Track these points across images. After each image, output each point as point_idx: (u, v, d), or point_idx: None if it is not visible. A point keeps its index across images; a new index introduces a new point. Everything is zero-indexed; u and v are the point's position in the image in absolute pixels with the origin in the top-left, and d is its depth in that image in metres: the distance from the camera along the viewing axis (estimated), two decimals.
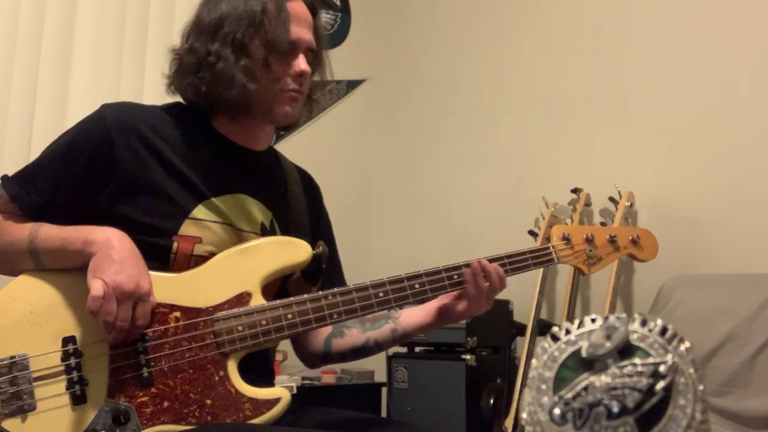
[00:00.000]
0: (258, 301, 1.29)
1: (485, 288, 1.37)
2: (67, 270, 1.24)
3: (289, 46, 1.35)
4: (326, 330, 1.50)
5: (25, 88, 2.48)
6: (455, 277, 1.39)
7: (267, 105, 1.37)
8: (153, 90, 2.74)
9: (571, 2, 3.02)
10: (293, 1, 1.38)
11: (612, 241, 1.55)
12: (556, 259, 1.49)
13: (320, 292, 1.32)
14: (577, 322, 0.77)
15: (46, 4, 2.54)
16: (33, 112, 2.49)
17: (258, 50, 1.33)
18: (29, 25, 2.50)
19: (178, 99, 1.43)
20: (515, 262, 1.43)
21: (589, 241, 1.53)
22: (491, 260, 1.41)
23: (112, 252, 1.20)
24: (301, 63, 1.36)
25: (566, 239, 1.51)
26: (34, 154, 1.37)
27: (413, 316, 1.45)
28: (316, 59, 1.44)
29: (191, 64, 1.35)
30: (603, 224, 2.55)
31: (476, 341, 2.66)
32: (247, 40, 1.32)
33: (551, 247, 1.49)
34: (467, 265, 1.39)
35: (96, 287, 1.16)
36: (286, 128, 1.52)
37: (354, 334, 1.48)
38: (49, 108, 2.53)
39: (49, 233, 1.25)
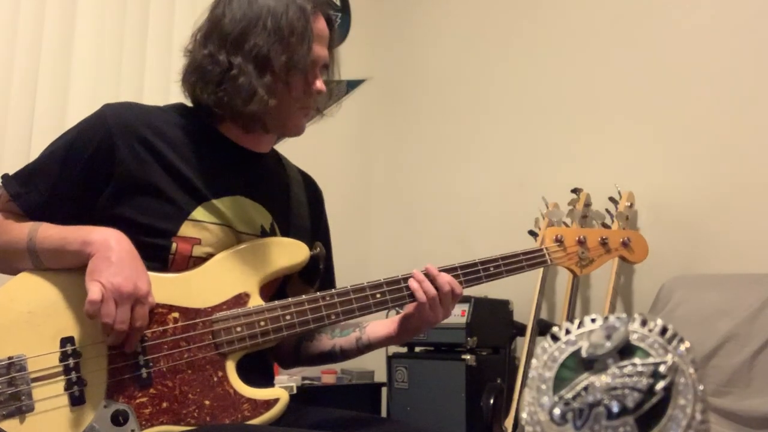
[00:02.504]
0: (256, 301, 1.29)
1: (433, 294, 1.35)
2: (66, 269, 1.24)
3: (310, 65, 1.35)
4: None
5: (25, 88, 2.48)
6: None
7: (282, 120, 1.37)
8: (153, 90, 2.75)
9: (571, 3, 3.01)
10: (316, 17, 1.36)
11: (604, 243, 1.59)
12: (549, 260, 1.51)
13: (318, 294, 1.33)
14: (577, 322, 0.77)
15: (46, 4, 2.54)
16: (33, 112, 2.49)
17: (281, 68, 1.31)
18: (29, 25, 2.50)
19: (178, 98, 1.42)
20: (509, 264, 1.44)
21: (582, 243, 1.56)
22: (486, 262, 1.42)
23: (111, 253, 1.19)
24: (319, 82, 1.37)
25: (559, 241, 1.54)
26: (34, 153, 1.37)
27: (378, 326, 1.45)
28: (327, 71, 1.44)
29: (214, 74, 1.32)
30: (605, 225, 2.55)
31: (476, 341, 2.65)
32: (272, 56, 1.30)
33: (544, 249, 1.51)
34: (454, 269, 1.39)
35: (93, 290, 1.15)
36: None
37: (323, 339, 1.48)
38: (49, 108, 2.53)
39: (48, 233, 1.25)
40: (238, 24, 1.32)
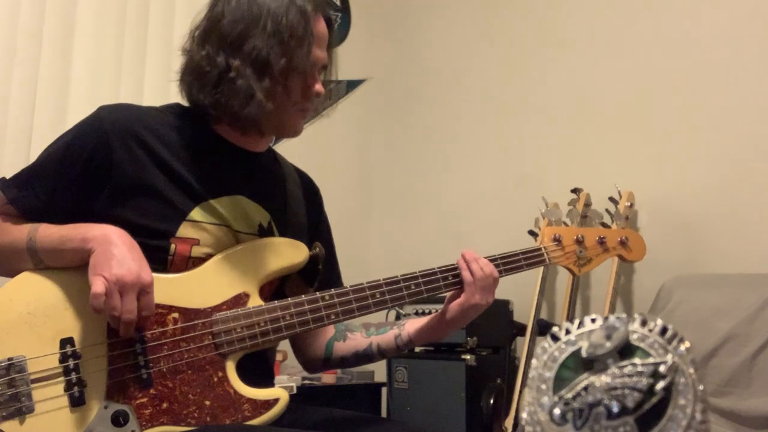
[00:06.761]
0: (256, 301, 1.29)
1: (481, 275, 1.37)
2: (65, 270, 1.24)
3: (309, 67, 1.34)
4: (328, 334, 1.50)
5: (25, 88, 2.48)
6: (450, 277, 1.40)
7: (279, 121, 1.37)
8: (153, 90, 2.75)
9: (571, 3, 3.01)
10: (317, 19, 1.36)
11: (601, 242, 1.59)
12: (547, 260, 1.51)
13: (317, 293, 1.33)
14: (577, 322, 0.77)
15: (46, 4, 2.54)
16: (33, 113, 2.49)
17: (280, 71, 1.31)
18: (29, 25, 2.50)
19: (178, 98, 1.42)
20: (508, 263, 1.45)
21: (580, 242, 1.56)
22: None
23: (112, 247, 1.19)
24: (318, 84, 1.37)
25: (557, 240, 1.54)
26: (34, 154, 1.37)
27: (417, 322, 1.46)
28: (325, 72, 1.44)
29: (212, 76, 1.31)
30: (605, 225, 2.55)
31: (476, 341, 2.65)
32: (272, 59, 1.29)
33: (543, 248, 1.51)
34: (453, 268, 1.40)
35: (97, 284, 1.15)
36: None
37: (357, 338, 1.48)
38: (49, 108, 2.53)
39: (48, 232, 1.25)
40: (237, 25, 1.31)
